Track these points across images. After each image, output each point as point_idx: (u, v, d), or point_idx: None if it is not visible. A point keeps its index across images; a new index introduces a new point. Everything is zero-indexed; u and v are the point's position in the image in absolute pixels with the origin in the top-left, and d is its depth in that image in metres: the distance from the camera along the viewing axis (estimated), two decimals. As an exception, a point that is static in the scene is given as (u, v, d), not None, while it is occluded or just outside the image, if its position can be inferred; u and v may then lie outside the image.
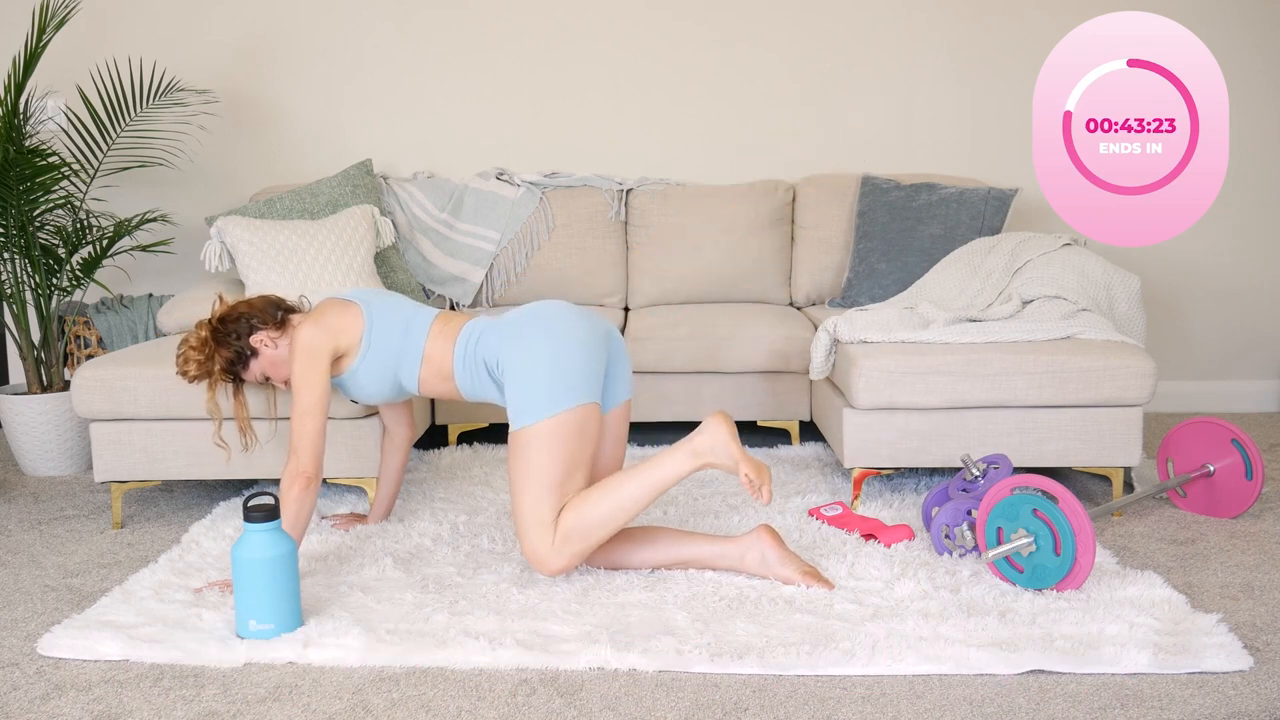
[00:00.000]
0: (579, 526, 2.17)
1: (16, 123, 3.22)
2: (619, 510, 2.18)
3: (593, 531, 2.18)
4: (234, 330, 2.40)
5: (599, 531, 2.18)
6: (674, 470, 2.20)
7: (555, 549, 2.17)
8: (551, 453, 2.17)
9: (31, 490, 3.14)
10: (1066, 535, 2.12)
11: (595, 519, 2.17)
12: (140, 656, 1.97)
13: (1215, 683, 1.84)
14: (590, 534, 2.18)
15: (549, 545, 2.17)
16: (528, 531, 2.18)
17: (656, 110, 3.93)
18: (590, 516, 2.17)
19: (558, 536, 2.17)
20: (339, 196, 3.49)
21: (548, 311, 2.30)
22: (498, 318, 2.34)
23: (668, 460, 2.20)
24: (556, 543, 2.17)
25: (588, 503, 2.18)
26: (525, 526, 2.19)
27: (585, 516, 2.17)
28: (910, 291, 3.33)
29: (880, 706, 1.78)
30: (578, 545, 2.17)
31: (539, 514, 2.17)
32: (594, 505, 2.18)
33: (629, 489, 2.18)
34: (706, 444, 2.18)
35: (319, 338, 2.30)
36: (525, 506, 2.18)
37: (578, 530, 2.17)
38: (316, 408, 2.26)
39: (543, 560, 2.18)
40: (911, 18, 3.88)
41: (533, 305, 2.34)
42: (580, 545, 2.18)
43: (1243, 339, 4.01)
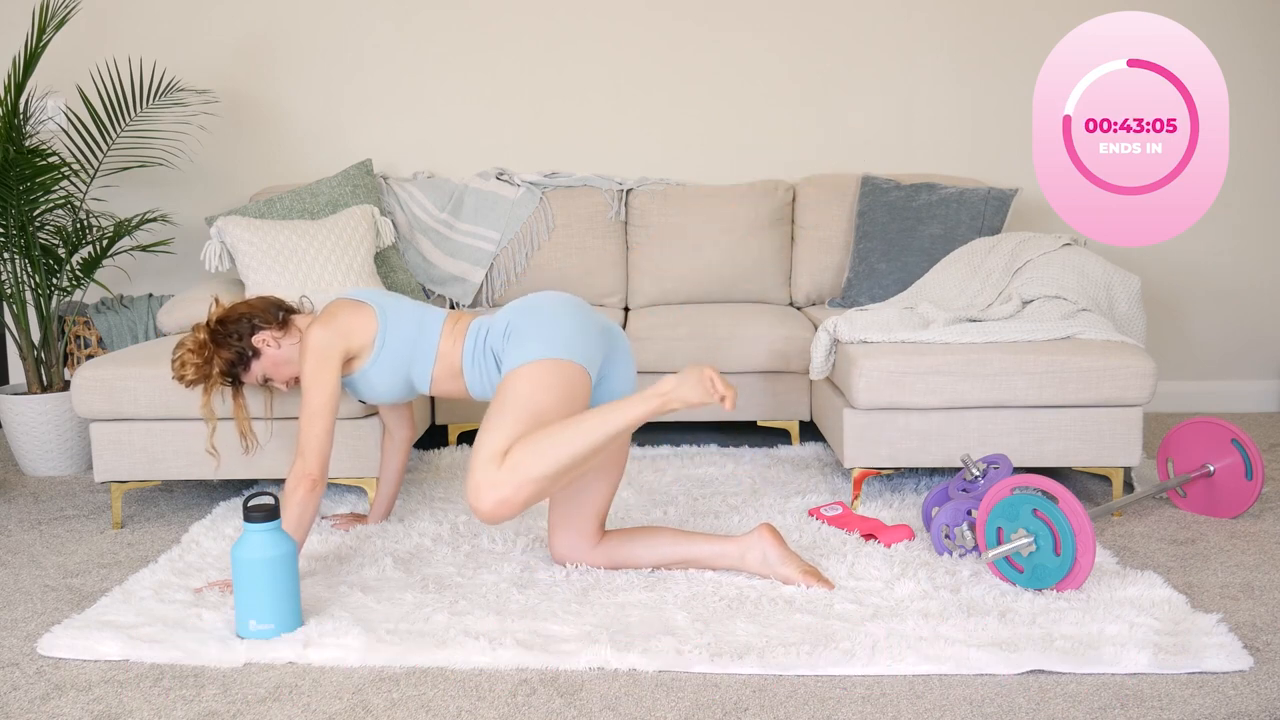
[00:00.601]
0: (525, 453, 2.00)
1: (16, 123, 3.22)
2: (573, 441, 2.02)
3: (539, 459, 2.00)
4: (235, 331, 2.39)
5: (546, 459, 2.00)
6: (639, 408, 2.06)
7: (495, 477, 1.99)
8: (531, 389, 2.09)
9: (31, 490, 3.14)
10: (1066, 535, 2.12)
11: (544, 446, 2.01)
12: (140, 656, 1.97)
13: (1215, 683, 1.84)
14: (536, 462, 2.00)
15: (490, 473, 2.00)
16: (474, 464, 2.03)
17: (656, 110, 3.93)
18: (539, 444, 2.01)
19: (503, 465, 2.00)
20: (339, 196, 3.49)
21: (550, 297, 2.32)
22: (504, 306, 2.36)
23: (634, 398, 2.09)
24: (502, 471, 2.00)
25: (540, 432, 2.03)
26: (474, 459, 2.03)
27: (534, 444, 2.01)
28: (910, 291, 3.33)
29: (880, 706, 1.78)
30: (521, 474, 1.99)
31: (494, 446, 2.02)
32: (545, 434, 2.03)
33: (587, 421, 2.05)
34: (672, 381, 2.06)
35: (331, 339, 2.29)
36: (483, 440, 2.05)
37: (524, 457, 2.00)
38: (326, 409, 2.26)
39: (478, 489, 2.00)
40: (911, 18, 3.88)
41: (535, 295, 2.35)
42: (523, 474, 1.99)
43: (1243, 339, 4.01)
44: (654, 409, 2.07)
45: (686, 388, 2.05)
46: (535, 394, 2.10)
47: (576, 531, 2.33)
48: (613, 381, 2.33)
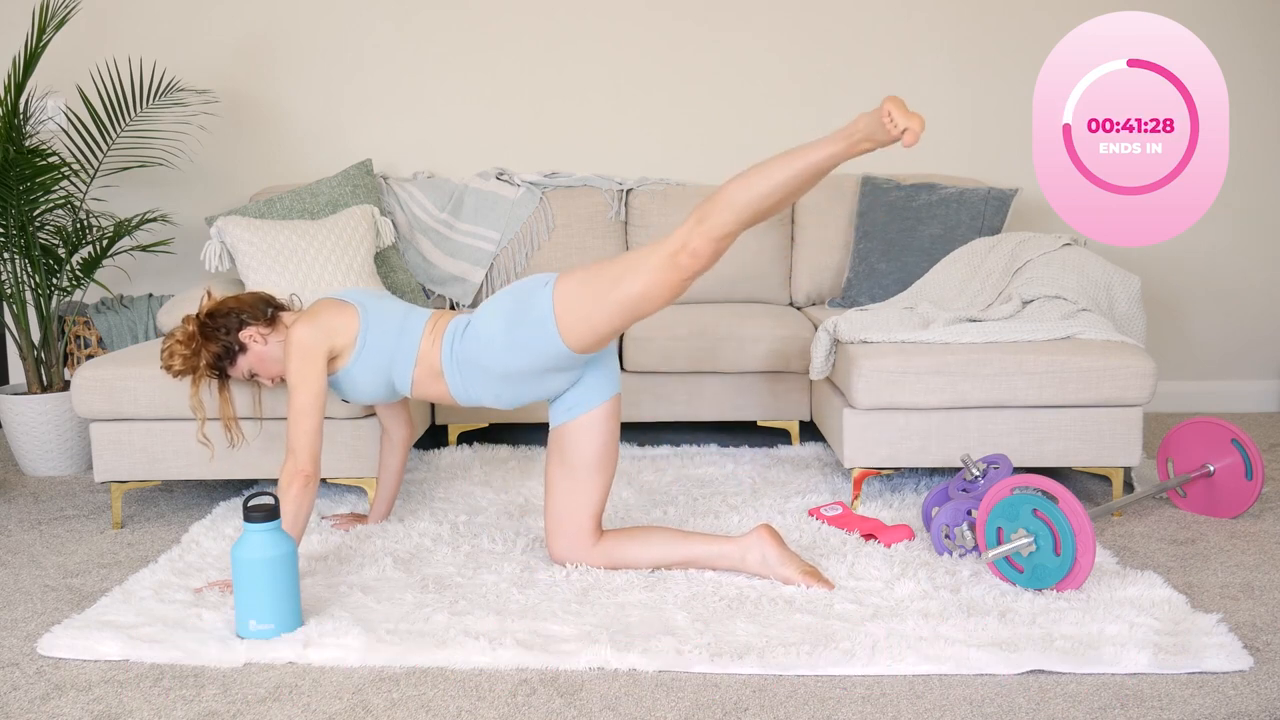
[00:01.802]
0: (718, 199, 2.09)
1: (16, 123, 3.22)
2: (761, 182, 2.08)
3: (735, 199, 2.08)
4: (222, 325, 2.39)
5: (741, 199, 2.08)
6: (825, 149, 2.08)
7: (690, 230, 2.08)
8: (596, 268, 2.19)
9: (31, 490, 3.14)
10: (1066, 535, 2.12)
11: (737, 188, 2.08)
12: (140, 656, 1.97)
13: (1215, 683, 1.84)
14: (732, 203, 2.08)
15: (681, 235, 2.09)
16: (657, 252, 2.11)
17: (656, 110, 3.93)
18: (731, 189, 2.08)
19: (690, 220, 2.09)
20: (339, 196, 3.49)
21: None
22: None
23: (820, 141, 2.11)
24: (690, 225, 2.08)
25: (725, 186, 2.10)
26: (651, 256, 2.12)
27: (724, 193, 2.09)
28: (910, 291, 3.33)
29: (880, 706, 1.78)
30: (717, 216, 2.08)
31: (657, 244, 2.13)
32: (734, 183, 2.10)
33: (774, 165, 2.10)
34: (864, 121, 2.06)
35: (314, 337, 2.29)
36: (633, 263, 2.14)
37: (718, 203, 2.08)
38: (312, 406, 2.26)
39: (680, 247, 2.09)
40: (911, 18, 3.88)
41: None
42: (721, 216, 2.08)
43: (1243, 339, 4.01)
44: (841, 150, 2.09)
45: (875, 123, 2.05)
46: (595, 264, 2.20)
47: (573, 532, 2.33)
48: (598, 375, 2.31)
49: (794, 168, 2.09)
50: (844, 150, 2.09)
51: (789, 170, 2.09)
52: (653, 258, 2.13)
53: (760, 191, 2.09)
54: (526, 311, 2.20)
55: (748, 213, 2.10)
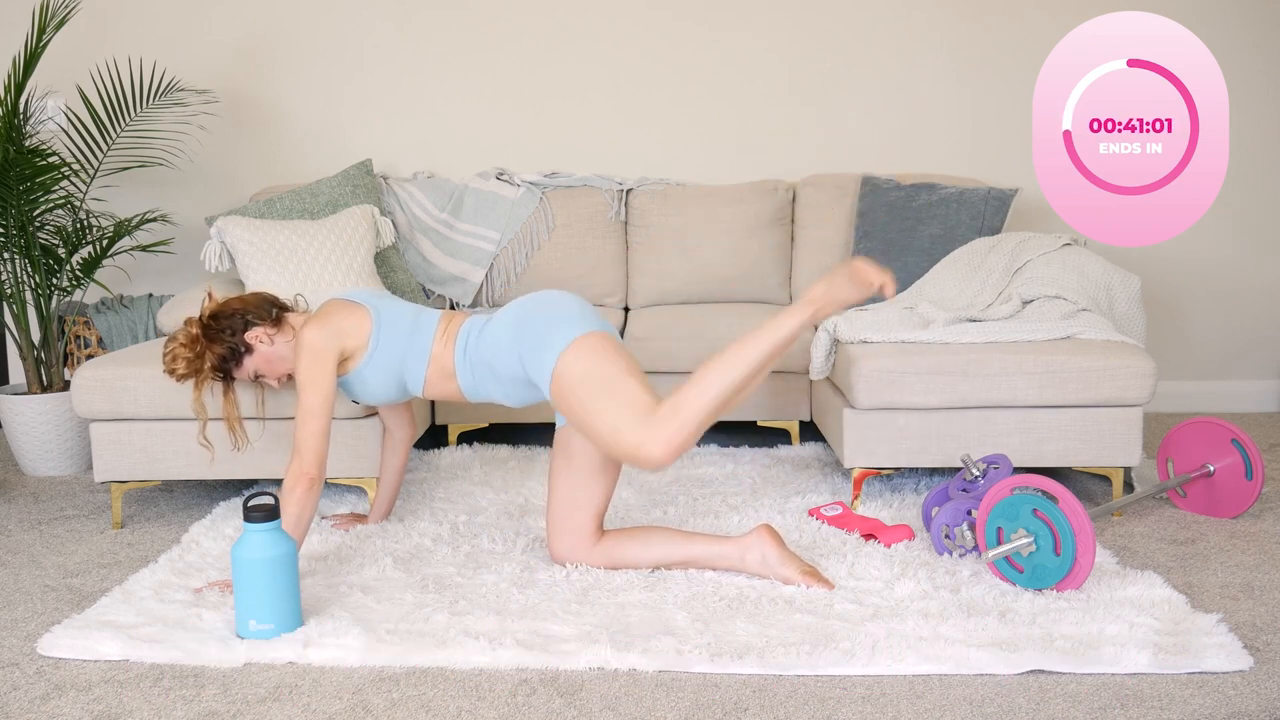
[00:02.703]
0: (686, 396, 2.02)
1: (16, 123, 3.22)
2: (728, 373, 2.03)
3: (700, 398, 2.02)
4: (228, 326, 2.39)
5: (707, 397, 2.02)
6: (792, 320, 2.03)
7: (658, 425, 2.01)
8: (599, 359, 2.12)
9: (31, 490, 3.14)
10: (1066, 535, 2.12)
11: (703, 385, 2.03)
12: (140, 656, 1.97)
13: (1215, 683, 1.84)
14: (698, 400, 2.02)
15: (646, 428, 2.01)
16: (622, 429, 2.04)
17: (656, 110, 3.93)
18: (698, 385, 2.03)
19: (660, 413, 2.02)
20: (339, 196, 3.49)
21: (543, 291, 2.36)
22: (496, 311, 2.37)
23: (784, 312, 2.06)
24: (660, 418, 2.01)
25: (693, 377, 2.05)
26: (619, 426, 2.04)
27: (692, 386, 2.02)
28: (910, 291, 3.33)
29: (880, 706, 1.78)
30: (685, 414, 2.02)
31: (629, 407, 2.04)
32: (700, 376, 2.04)
33: (739, 349, 2.05)
34: (822, 285, 2.03)
35: (325, 338, 2.29)
36: (608, 412, 2.05)
37: (686, 400, 2.02)
38: (321, 408, 2.26)
39: (643, 442, 2.01)
40: (911, 18, 3.88)
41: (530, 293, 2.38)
42: (687, 414, 2.02)
43: (1243, 339, 4.01)
44: (805, 320, 2.05)
45: (838, 287, 2.02)
46: (606, 361, 2.13)
47: (575, 532, 2.33)
48: None
49: (761, 350, 2.06)
50: (809, 319, 2.06)
51: (759, 351, 2.06)
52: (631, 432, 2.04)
53: (732, 383, 2.05)
54: (533, 352, 2.21)
55: (717, 412, 2.07)
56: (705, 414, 2.04)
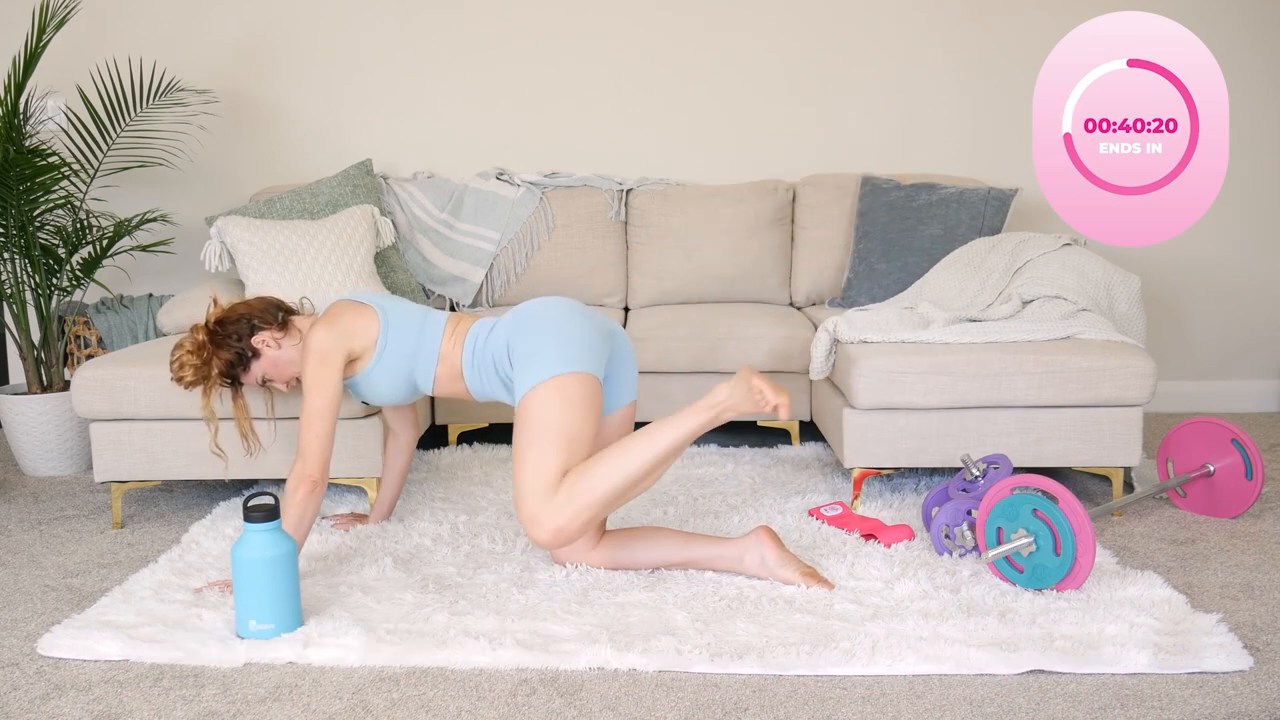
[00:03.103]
0: (580, 481, 2.06)
1: (16, 123, 3.22)
2: (626, 464, 2.07)
3: (594, 485, 2.06)
4: (234, 332, 2.38)
5: (601, 485, 2.06)
6: (690, 422, 2.09)
7: (552, 506, 2.05)
8: (556, 410, 2.11)
9: (31, 490, 3.14)
10: (1066, 535, 2.12)
11: (598, 472, 2.07)
12: (140, 656, 1.97)
13: (1215, 683, 1.84)
14: (592, 488, 2.06)
15: (545, 503, 2.05)
16: (524, 496, 2.08)
17: (656, 110, 3.93)
18: (593, 471, 2.07)
19: (558, 494, 2.05)
20: (339, 196, 3.49)
21: (552, 301, 2.32)
22: (505, 313, 2.36)
23: (684, 413, 2.11)
24: (556, 501, 2.05)
25: (591, 462, 2.08)
26: (524, 490, 2.08)
27: (588, 471, 2.07)
28: (910, 291, 3.33)
29: (880, 706, 1.78)
30: (578, 501, 2.06)
31: (541, 476, 2.07)
32: (598, 460, 2.08)
33: (639, 443, 2.09)
34: (724, 391, 2.09)
35: (333, 341, 2.29)
36: (527, 469, 2.09)
37: (580, 484, 2.06)
38: (327, 411, 2.25)
39: (538, 520, 2.06)
40: (911, 18, 3.88)
41: (537, 299, 2.35)
42: (581, 501, 2.06)
43: (1243, 339, 4.01)
44: (706, 422, 2.10)
45: (737, 397, 2.08)
46: (560, 416, 2.12)
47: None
48: (614, 383, 2.33)
49: (659, 446, 2.09)
50: (708, 421, 2.11)
51: (657, 448, 2.09)
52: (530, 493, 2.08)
53: (628, 476, 2.08)
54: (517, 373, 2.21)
55: (609, 506, 2.12)
56: (599, 505, 2.08)
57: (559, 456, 2.09)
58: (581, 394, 2.15)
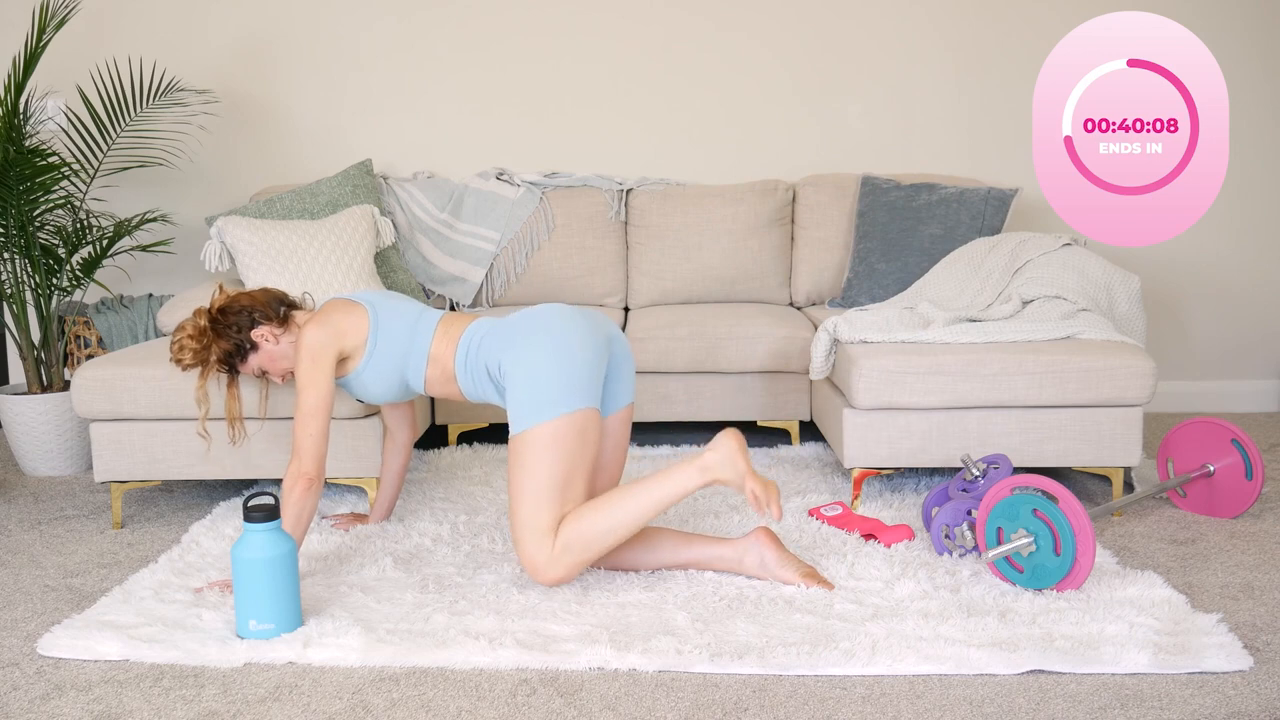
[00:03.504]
0: (579, 538, 2.14)
1: (16, 123, 3.22)
2: (621, 524, 2.15)
3: (593, 544, 2.15)
4: (235, 323, 2.39)
5: (599, 544, 2.16)
6: (681, 485, 2.16)
7: (553, 559, 2.14)
8: (551, 457, 2.14)
9: (31, 490, 3.14)
10: (1066, 535, 2.12)
11: (596, 531, 2.15)
12: (140, 656, 1.97)
13: (1215, 683, 1.84)
14: (590, 546, 2.15)
15: (547, 554, 2.14)
16: (525, 540, 2.16)
17: (657, 110, 3.93)
18: (592, 529, 2.14)
19: (556, 546, 2.14)
20: (339, 196, 3.49)
21: (549, 314, 2.27)
22: (499, 321, 2.32)
23: (675, 474, 2.17)
24: (555, 552, 2.14)
25: (589, 514, 2.15)
26: (522, 535, 2.16)
27: (586, 528, 2.14)
28: (910, 291, 3.33)
29: (880, 706, 1.78)
30: (577, 556, 2.15)
31: (538, 522, 2.14)
32: (596, 517, 2.15)
33: (633, 503, 2.16)
34: (715, 459, 2.15)
35: (324, 339, 2.29)
36: (523, 513, 2.16)
37: (578, 542, 2.14)
38: (320, 409, 2.26)
39: (540, 570, 2.16)
40: (911, 17, 3.88)
41: (534, 309, 2.31)
42: (579, 557, 2.15)
43: (1243, 339, 4.01)
44: (698, 484, 2.17)
45: (727, 471, 2.15)
46: (557, 463, 2.15)
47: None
48: (613, 385, 2.32)
49: (654, 502, 2.16)
50: (698, 486, 2.17)
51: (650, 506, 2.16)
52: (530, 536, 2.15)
53: (627, 529, 2.17)
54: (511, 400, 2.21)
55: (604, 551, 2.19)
56: (595, 556, 2.18)
57: (554, 504, 2.15)
58: (577, 433, 2.17)
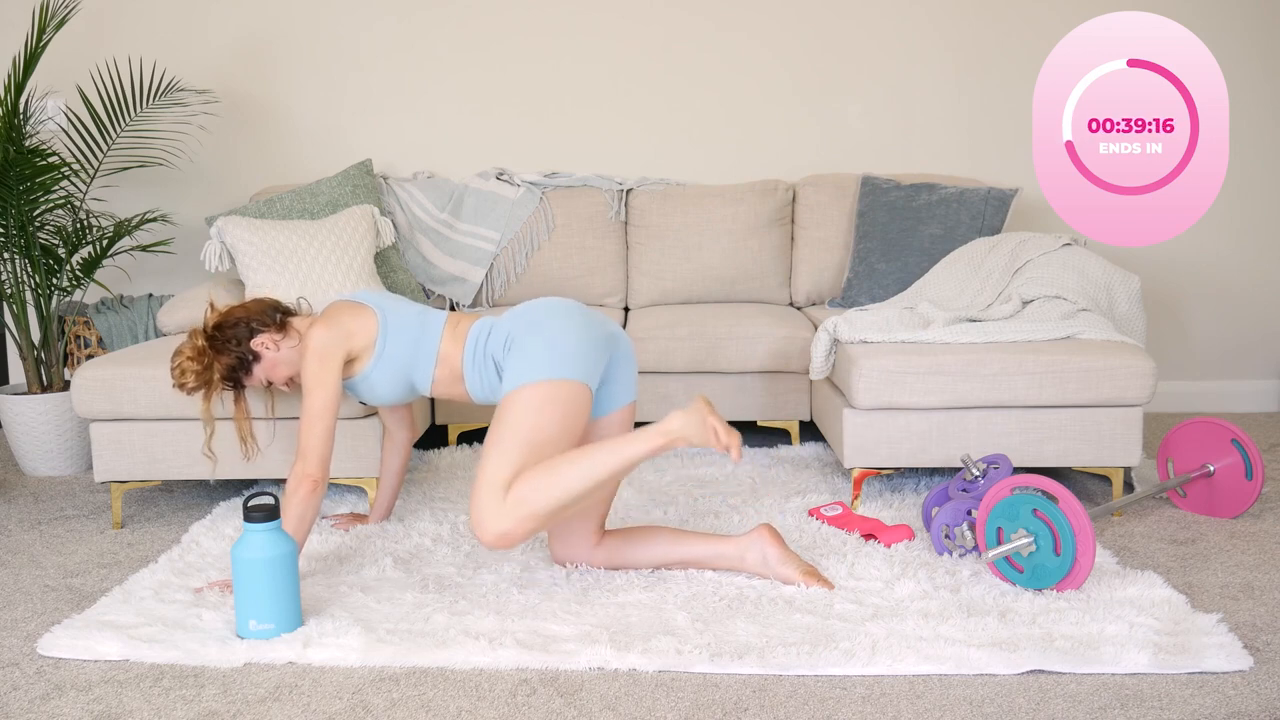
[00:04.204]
0: (530, 489, 2.04)
1: (16, 123, 3.22)
2: (576, 478, 2.05)
3: (543, 495, 2.03)
4: (233, 336, 2.37)
5: (550, 496, 2.04)
6: (642, 445, 2.08)
7: (501, 510, 2.03)
8: (534, 415, 2.10)
9: (31, 490, 3.14)
10: (1066, 535, 2.12)
11: (548, 482, 2.04)
12: (140, 656, 1.97)
13: (1215, 683, 1.84)
14: (540, 498, 2.03)
15: (497, 506, 2.03)
16: (478, 491, 2.06)
17: (657, 110, 3.93)
18: (543, 480, 2.04)
19: (507, 499, 2.03)
20: (339, 196, 3.49)
21: (555, 301, 2.31)
22: (505, 312, 2.34)
23: (638, 435, 2.10)
24: (506, 505, 2.03)
25: (544, 467, 2.06)
26: (478, 486, 2.06)
27: (538, 479, 2.04)
28: (910, 291, 3.33)
29: (880, 706, 1.78)
30: (525, 509, 2.03)
31: (498, 475, 2.05)
32: (550, 469, 2.05)
33: (591, 458, 2.07)
34: (679, 420, 2.07)
35: (332, 340, 2.29)
36: (487, 466, 2.07)
37: (528, 492, 2.03)
38: (327, 410, 2.25)
39: (484, 520, 2.03)
40: (911, 17, 3.88)
41: (542, 298, 2.34)
42: (527, 510, 2.03)
43: (1243, 339, 4.01)
44: (657, 447, 2.09)
45: (691, 429, 2.07)
46: (538, 421, 2.10)
47: (576, 534, 2.33)
48: (614, 385, 2.32)
49: (608, 465, 2.07)
50: (660, 448, 2.09)
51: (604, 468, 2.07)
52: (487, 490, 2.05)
53: (578, 491, 2.06)
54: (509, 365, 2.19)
55: (560, 516, 2.10)
56: (544, 516, 2.06)
57: (519, 459, 2.07)
58: (565, 402, 2.13)
